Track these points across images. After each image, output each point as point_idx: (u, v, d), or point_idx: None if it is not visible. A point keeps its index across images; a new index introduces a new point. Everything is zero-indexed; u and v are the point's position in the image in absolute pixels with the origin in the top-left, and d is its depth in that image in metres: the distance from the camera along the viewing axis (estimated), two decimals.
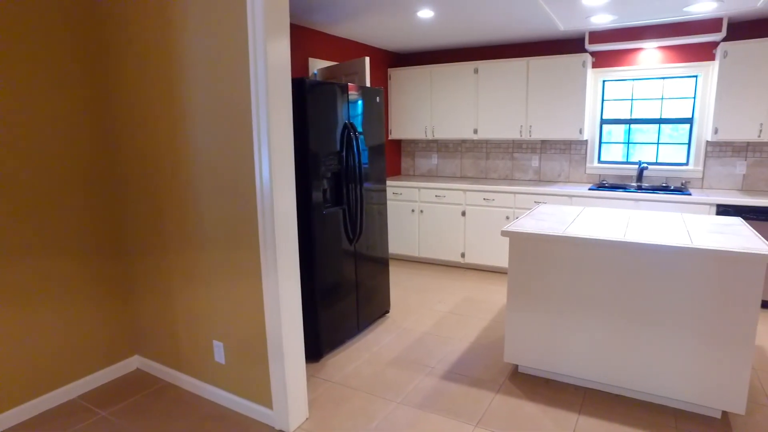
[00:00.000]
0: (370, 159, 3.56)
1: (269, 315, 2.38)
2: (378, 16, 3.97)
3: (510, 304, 2.89)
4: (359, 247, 3.49)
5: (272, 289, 2.33)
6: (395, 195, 5.36)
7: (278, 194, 2.26)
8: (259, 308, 2.42)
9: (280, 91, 2.20)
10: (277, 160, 2.23)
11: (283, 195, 2.29)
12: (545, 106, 4.80)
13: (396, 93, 5.57)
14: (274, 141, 2.20)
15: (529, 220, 3.00)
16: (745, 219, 3.92)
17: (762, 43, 3.92)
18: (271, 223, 2.26)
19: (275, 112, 2.19)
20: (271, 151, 2.19)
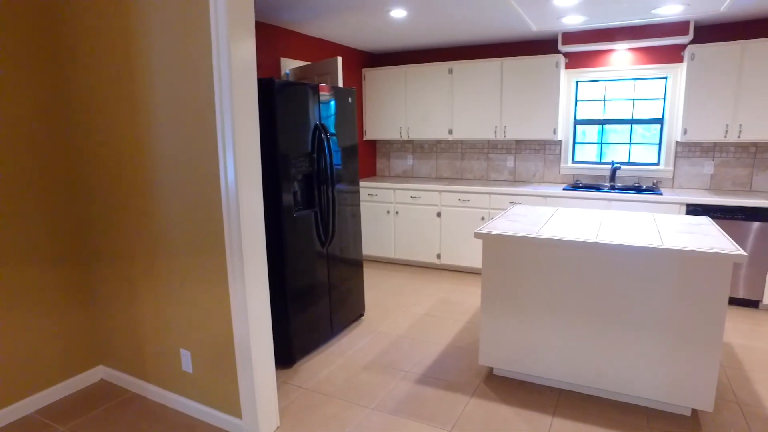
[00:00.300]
0: (343, 160, 3.51)
1: (237, 322, 2.30)
2: (350, 16, 3.92)
3: (484, 306, 2.87)
4: (332, 250, 3.43)
5: (239, 295, 2.26)
6: (370, 196, 5.31)
7: (244, 197, 2.19)
8: (227, 315, 2.34)
9: (245, 92, 2.13)
10: (243, 161, 2.16)
11: (250, 198, 2.23)
12: (520, 107, 4.81)
13: (371, 93, 5.53)
14: (239, 142, 2.13)
15: (502, 222, 2.99)
16: (713, 218, 3.98)
17: (727, 47, 4.00)
18: (237, 227, 2.19)
19: (240, 113, 2.12)
20: (236, 152, 2.12)
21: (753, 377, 2.98)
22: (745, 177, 4.41)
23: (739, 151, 4.39)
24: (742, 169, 4.40)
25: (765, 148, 4.31)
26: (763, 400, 2.74)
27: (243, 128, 2.15)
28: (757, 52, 3.92)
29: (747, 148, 4.37)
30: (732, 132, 4.09)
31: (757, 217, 3.86)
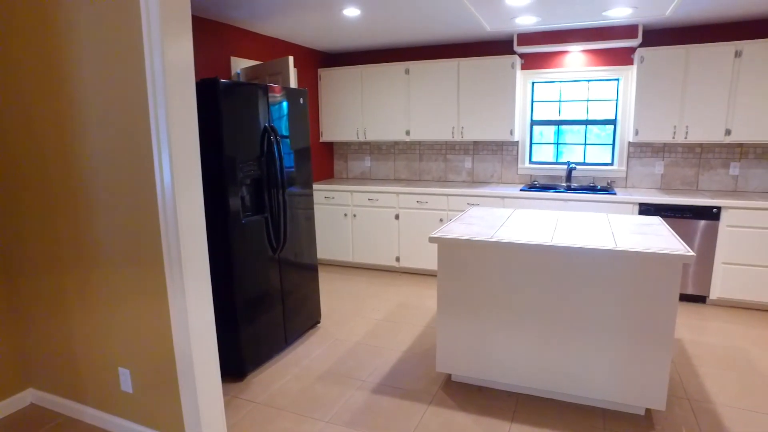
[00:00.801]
0: (296, 163, 3.39)
1: (178, 337, 2.15)
2: (302, 14, 3.80)
3: (440, 311, 2.81)
4: (285, 256, 3.30)
5: (179, 308, 2.11)
6: (327, 199, 5.19)
7: (183, 202, 2.05)
8: (167, 330, 2.19)
9: (181, 91, 1.99)
10: (181, 165, 2.02)
11: (190, 203, 2.08)
12: (477, 108, 4.80)
13: (327, 94, 5.41)
14: (176, 144, 1.98)
15: (458, 225, 2.94)
16: (664, 216, 4.07)
17: (673, 51, 4.10)
18: (175, 235, 2.04)
19: (176, 114, 1.98)
20: (172, 155, 1.97)
21: (702, 372, 3.04)
22: (692, 177, 4.54)
23: (686, 151, 4.52)
24: (689, 169, 4.53)
25: (709, 149, 4.45)
26: (711, 395, 2.79)
27: (180, 130, 2.00)
28: (700, 56, 4.04)
29: (693, 149, 4.49)
30: (679, 133, 4.20)
31: (704, 216, 3.97)
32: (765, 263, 3.87)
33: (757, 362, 3.16)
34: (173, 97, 1.95)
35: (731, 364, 3.14)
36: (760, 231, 3.84)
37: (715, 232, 3.96)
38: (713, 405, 2.69)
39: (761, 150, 4.31)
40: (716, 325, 3.74)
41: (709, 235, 3.98)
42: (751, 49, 3.93)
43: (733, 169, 4.40)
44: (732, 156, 4.39)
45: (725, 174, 4.44)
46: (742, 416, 2.59)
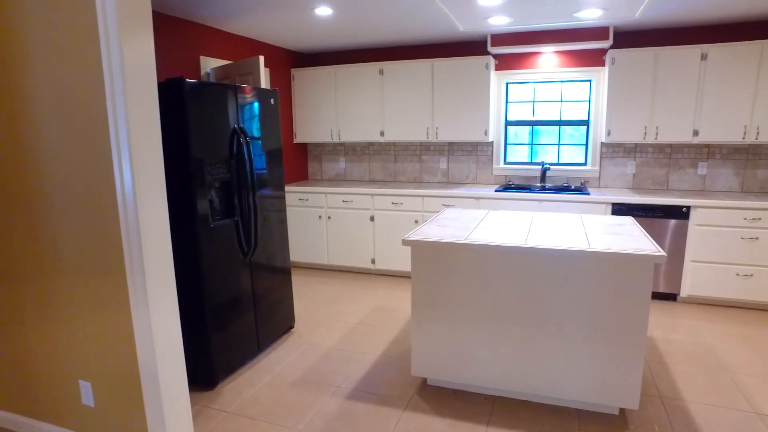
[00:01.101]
0: (267, 165, 3.31)
1: (141, 347, 2.06)
2: (273, 13, 3.72)
3: (415, 315, 2.77)
4: (256, 260, 3.22)
5: (143, 318, 2.02)
6: (301, 201, 5.11)
7: (145, 208, 1.96)
8: (130, 340, 2.10)
9: (142, 92, 1.90)
10: (143, 167, 1.93)
11: (152, 209, 2.00)
12: (451, 108, 4.79)
13: (300, 95, 5.33)
14: (137, 147, 1.90)
15: (432, 227, 2.91)
16: (636, 216, 4.12)
17: (643, 53, 4.16)
18: (137, 240, 1.95)
19: (137, 115, 1.89)
20: (133, 158, 1.89)
21: (673, 369, 3.07)
22: (662, 176, 4.61)
23: (656, 151, 4.59)
24: (660, 168, 4.60)
25: (679, 149, 4.53)
26: (682, 392, 2.82)
27: (141, 131, 1.91)
28: (668, 59, 4.11)
29: (663, 149, 4.57)
30: (650, 134, 4.26)
31: (674, 215, 4.03)
32: (731, 261, 3.95)
33: (723, 358, 3.22)
34: (133, 98, 1.86)
35: (700, 360, 3.19)
36: (727, 230, 3.92)
37: (685, 230, 4.02)
38: (684, 402, 2.72)
39: (726, 150, 4.41)
40: (686, 322, 3.80)
41: (679, 234, 4.04)
42: (716, 52, 4.01)
43: (701, 168, 4.49)
44: (700, 156, 4.48)
45: (694, 174, 4.52)
46: (710, 412, 2.63)
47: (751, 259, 3.92)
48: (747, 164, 4.39)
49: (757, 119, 4.02)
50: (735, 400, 2.74)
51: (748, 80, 3.99)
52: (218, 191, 2.87)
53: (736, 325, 3.75)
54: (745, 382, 2.93)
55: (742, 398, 2.76)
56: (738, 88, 4.02)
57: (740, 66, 3.98)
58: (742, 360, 3.21)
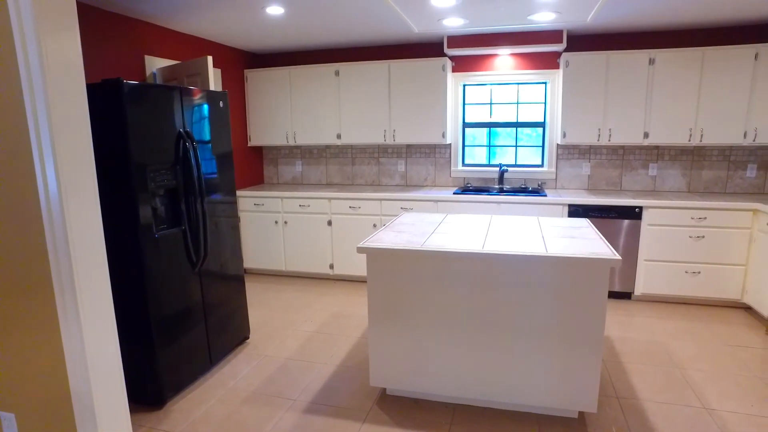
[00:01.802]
0: (217, 169, 3.16)
1: (74, 372, 1.90)
2: (222, 11, 3.57)
3: (372, 324, 2.69)
4: (206, 269, 3.07)
5: (75, 339, 1.86)
6: (257, 206, 4.95)
7: (75, 216, 1.80)
8: (60, 365, 1.93)
9: (68, 93, 1.75)
10: (70, 174, 1.77)
11: (83, 218, 1.84)
12: (408, 110, 4.74)
13: (254, 96, 5.16)
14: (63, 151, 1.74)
15: (387, 233, 2.84)
16: (591, 217, 4.18)
17: (596, 56, 4.24)
18: (66, 255, 1.79)
19: (62, 118, 1.73)
20: (58, 163, 1.73)
21: (629, 368, 3.11)
22: (616, 177, 4.71)
23: (610, 153, 4.69)
24: (614, 170, 4.70)
25: (631, 150, 4.64)
26: (638, 391, 2.86)
27: (67, 134, 1.76)
28: (619, 63, 4.20)
29: (616, 151, 4.67)
30: (603, 136, 4.34)
31: (627, 215, 4.12)
32: (680, 259, 4.07)
33: (675, 355, 3.29)
34: (57, 99, 1.70)
35: (653, 358, 3.25)
36: (676, 229, 4.03)
37: (638, 230, 4.11)
38: (640, 401, 2.75)
39: (674, 152, 4.55)
40: (640, 320, 3.88)
41: (632, 233, 4.13)
42: (662, 57, 4.12)
43: (651, 169, 4.61)
44: (650, 157, 4.60)
45: (645, 174, 4.64)
46: (664, 410, 2.67)
47: (699, 257, 4.04)
48: (693, 165, 4.54)
49: (701, 122, 4.16)
50: (686, 397, 2.79)
51: (692, 85, 4.12)
52: (164, 199, 2.71)
53: (685, 321, 3.86)
54: (695, 378, 3.00)
55: (693, 394, 2.82)
56: (683, 93, 4.15)
57: (685, 71, 4.11)
58: (691, 355, 3.29)
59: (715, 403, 2.74)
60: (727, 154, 4.47)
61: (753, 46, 3.99)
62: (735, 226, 3.95)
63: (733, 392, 2.85)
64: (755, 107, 4.06)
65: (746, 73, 4.03)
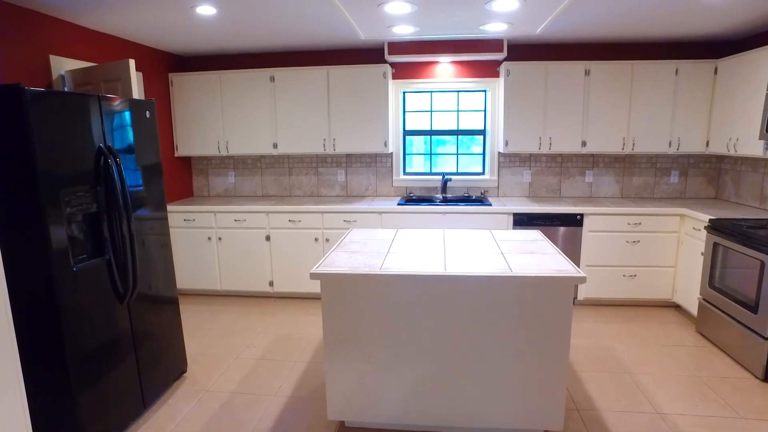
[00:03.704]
0: (144, 186, 2.82)
1: None
2: (145, 9, 3.21)
3: (328, 354, 2.48)
4: (134, 299, 2.72)
5: None
6: (187, 222, 4.56)
7: None
8: None
9: None
10: None
11: None
12: (349, 118, 4.56)
13: (181, 103, 4.76)
14: None
15: (340, 255, 2.64)
16: (536, 225, 4.22)
17: (536, 65, 4.30)
18: None
19: None
20: None
21: (584, 377, 3.13)
22: (555, 184, 4.81)
23: (549, 161, 4.78)
24: (553, 177, 4.80)
25: (568, 158, 4.76)
26: (595, 401, 2.87)
27: None
28: (558, 73, 4.29)
29: (555, 158, 4.77)
30: (544, 144, 4.41)
31: (569, 222, 4.20)
32: (618, 263, 4.21)
33: (622, 360, 3.37)
34: None
35: (604, 364, 3.30)
36: (614, 234, 4.17)
37: (579, 237, 4.21)
38: (599, 412, 2.76)
39: (608, 159, 4.72)
40: (586, 325, 3.96)
41: (575, 240, 4.22)
42: (597, 69, 4.26)
43: (588, 176, 4.76)
44: (587, 165, 4.75)
45: (582, 181, 4.78)
46: (622, 419, 2.69)
47: (634, 261, 4.20)
48: (625, 172, 4.74)
49: (632, 132, 4.34)
50: (640, 403, 2.84)
51: (623, 96, 4.29)
52: (81, 225, 2.34)
53: (625, 323, 3.99)
54: (643, 382, 3.07)
55: (645, 400, 2.88)
56: (616, 103, 4.31)
57: (617, 83, 4.27)
58: (636, 359, 3.38)
59: (666, 406, 2.81)
60: (654, 161, 4.70)
61: (674, 61, 4.22)
62: (665, 231, 4.14)
63: (679, 394, 2.94)
64: (678, 118, 4.29)
65: (669, 87, 4.25)
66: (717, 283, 3.55)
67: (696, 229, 3.90)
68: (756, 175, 4.15)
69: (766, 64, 3.57)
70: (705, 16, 3.51)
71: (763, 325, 3.07)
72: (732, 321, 3.37)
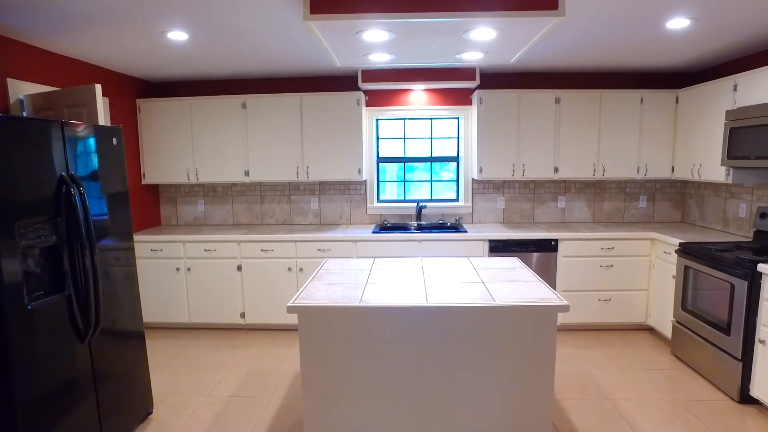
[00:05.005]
0: (109, 215, 2.68)
1: None
2: (113, 34, 3.12)
3: (307, 391, 2.36)
4: (97, 337, 2.55)
5: None
6: (154, 252, 4.37)
7: None
8: None
9: None
10: None
11: None
12: (322, 146, 4.52)
13: (149, 129, 4.62)
14: None
15: (317, 287, 2.55)
16: (511, 251, 4.22)
17: (509, 93, 4.37)
18: None
19: None
20: None
21: (567, 406, 3.08)
22: (529, 210, 4.85)
23: (522, 187, 4.83)
24: (527, 203, 4.84)
25: (541, 184, 4.82)
26: (578, 428, 2.82)
27: None
28: (530, 101, 4.38)
29: (528, 185, 4.82)
30: (518, 171, 4.45)
31: (545, 248, 4.22)
32: (593, 288, 4.24)
33: (603, 386, 3.34)
34: None
35: (585, 392, 3.27)
36: (589, 259, 4.20)
37: (555, 262, 4.22)
38: None
39: (579, 185, 4.80)
40: (565, 351, 3.93)
41: (550, 265, 4.23)
42: (567, 97, 4.36)
43: (560, 202, 4.82)
44: (559, 191, 4.81)
45: (555, 207, 4.83)
46: None
47: (609, 285, 4.24)
48: (596, 197, 4.82)
49: (602, 158, 4.43)
50: (624, 431, 2.80)
51: (593, 123, 4.40)
52: (39, 259, 2.19)
53: (603, 348, 3.99)
54: (625, 408, 3.04)
55: (628, 427, 2.84)
56: (586, 130, 4.41)
57: (586, 111, 4.38)
58: (616, 384, 3.36)
59: None
60: (623, 186, 4.81)
61: (639, 91, 4.37)
62: (637, 254, 4.20)
63: (660, 419, 2.92)
64: (644, 145, 4.42)
65: (635, 115, 4.39)
66: (689, 305, 3.59)
67: (666, 252, 3.96)
68: (719, 200, 4.27)
69: (723, 94, 3.72)
70: (665, 48, 3.65)
71: (736, 347, 3.10)
72: (706, 343, 3.40)
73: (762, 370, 2.95)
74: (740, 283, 3.07)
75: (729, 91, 3.66)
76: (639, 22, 3.00)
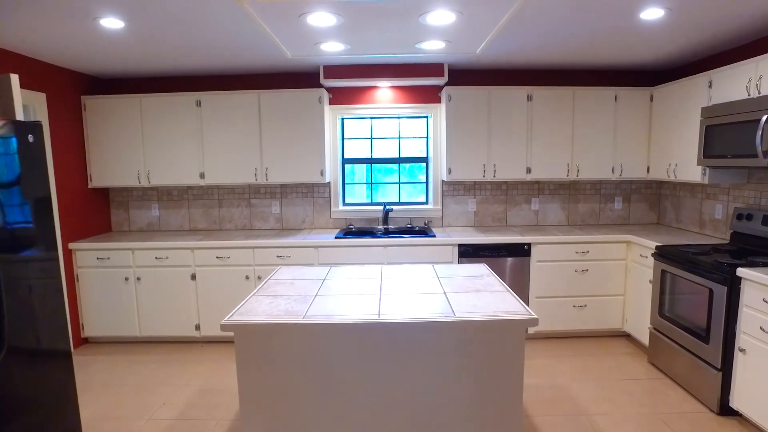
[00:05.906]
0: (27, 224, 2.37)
1: None
2: (35, 17, 2.81)
3: (246, 419, 2.09)
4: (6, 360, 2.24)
5: None
6: (100, 261, 4.04)
7: None
8: None
9: None
10: None
11: None
12: (282, 146, 4.25)
13: (96, 128, 4.29)
14: None
15: (260, 300, 2.29)
16: (482, 256, 4.01)
17: (478, 90, 4.17)
18: None
19: None
20: None
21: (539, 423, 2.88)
22: (501, 213, 4.65)
23: (494, 189, 4.62)
24: (499, 205, 4.64)
25: (514, 186, 4.62)
26: None
27: None
28: (501, 98, 4.17)
29: (500, 186, 4.62)
30: (489, 172, 4.24)
31: (517, 253, 4.01)
32: (567, 294, 4.05)
33: (578, 400, 3.14)
34: None
35: (559, 407, 3.06)
36: (563, 264, 4.02)
37: (527, 267, 4.02)
38: None
39: (553, 186, 4.62)
40: (538, 362, 3.73)
41: (522, 270, 4.03)
42: (539, 94, 4.17)
43: (534, 204, 4.63)
44: (532, 192, 4.62)
45: (528, 209, 4.64)
46: None
47: (584, 290, 4.06)
48: (570, 199, 4.64)
49: (576, 158, 4.25)
50: None
51: (566, 122, 4.21)
52: None
53: (577, 357, 3.80)
54: (601, 424, 2.85)
55: None
56: (559, 129, 4.22)
57: (559, 108, 4.20)
58: (592, 398, 3.16)
59: None
60: (598, 188, 4.64)
61: (613, 88, 4.20)
62: (613, 258, 4.03)
63: None
64: (620, 145, 4.25)
65: (610, 113, 4.22)
66: (667, 311, 3.43)
67: (643, 256, 3.80)
68: (694, 201, 4.13)
69: (699, 91, 3.57)
70: (639, 42, 3.48)
71: (715, 356, 2.94)
72: (684, 351, 3.23)
73: (742, 380, 2.78)
74: (719, 289, 2.90)
75: (704, 87, 3.51)
76: (613, 11, 2.81)
